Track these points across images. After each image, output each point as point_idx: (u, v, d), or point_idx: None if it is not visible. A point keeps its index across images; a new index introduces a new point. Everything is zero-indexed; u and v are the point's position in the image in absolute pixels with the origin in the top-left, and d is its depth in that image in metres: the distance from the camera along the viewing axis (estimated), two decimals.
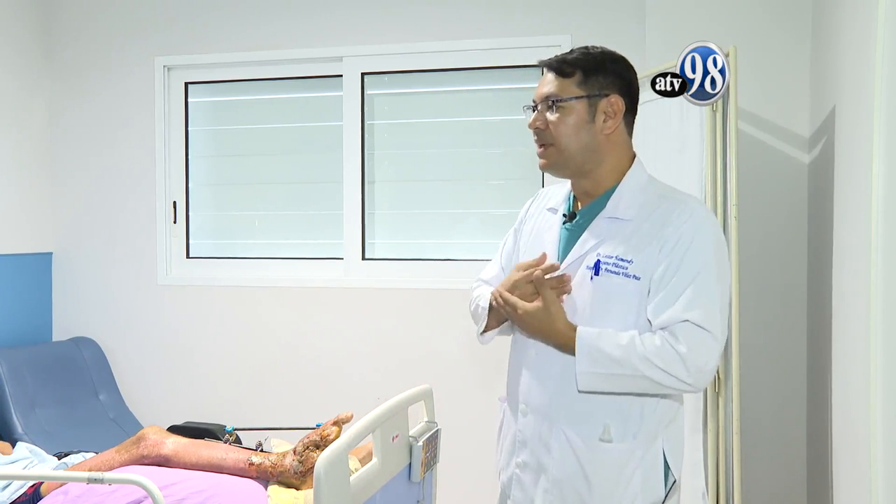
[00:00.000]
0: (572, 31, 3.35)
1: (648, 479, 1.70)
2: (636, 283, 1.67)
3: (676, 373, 1.60)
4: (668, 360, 1.60)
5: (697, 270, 1.64)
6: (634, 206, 1.72)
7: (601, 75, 1.71)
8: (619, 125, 1.74)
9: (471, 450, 3.27)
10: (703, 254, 1.65)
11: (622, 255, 1.68)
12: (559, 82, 1.73)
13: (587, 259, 1.72)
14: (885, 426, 1.70)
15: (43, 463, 2.61)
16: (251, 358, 3.71)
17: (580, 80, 1.71)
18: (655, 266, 1.66)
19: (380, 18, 3.57)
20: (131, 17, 3.83)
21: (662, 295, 1.64)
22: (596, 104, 1.71)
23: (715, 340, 1.62)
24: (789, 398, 3.04)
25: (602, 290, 1.69)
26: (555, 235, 1.81)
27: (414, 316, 3.53)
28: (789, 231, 3.03)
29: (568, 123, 1.72)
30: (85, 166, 3.90)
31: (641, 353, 1.61)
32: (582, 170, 1.75)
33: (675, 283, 1.64)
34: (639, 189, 1.75)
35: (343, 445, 1.68)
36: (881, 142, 1.71)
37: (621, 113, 1.73)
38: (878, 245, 1.73)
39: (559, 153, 1.74)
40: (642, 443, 1.70)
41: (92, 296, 3.90)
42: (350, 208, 3.65)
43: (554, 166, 1.77)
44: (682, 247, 1.65)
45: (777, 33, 3.02)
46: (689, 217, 1.67)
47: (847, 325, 2.21)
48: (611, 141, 1.74)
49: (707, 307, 1.62)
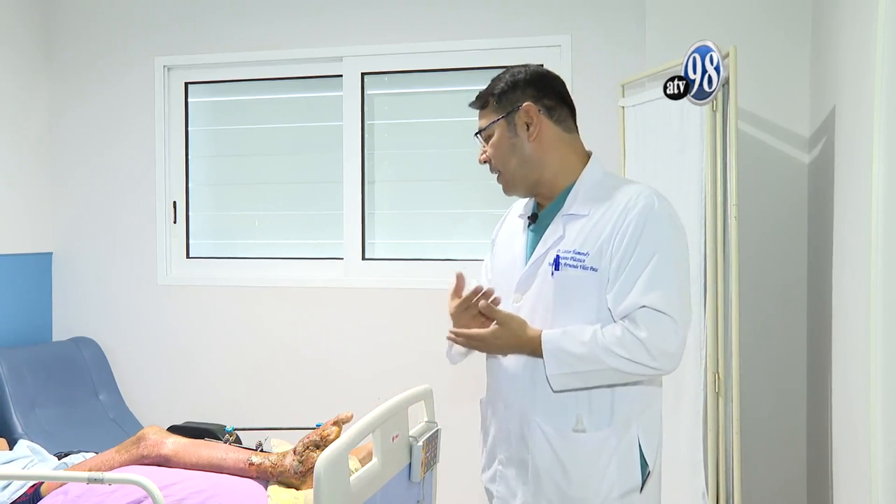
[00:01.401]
0: (572, 31, 3.35)
1: (624, 466, 1.74)
2: (594, 275, 1.72)
3: (640, 359, 1.64)
4: (630, 347, 1.64)
5: (652, 254, 1.67)
6: (589, 202, 1.78)
7: (510, 92, 1.81)
8: (546, 126, 1.80)
9: (471, 450, 3.26)
10: (656, 237, 1.69)
11: (579, 248, 1.74)
12: (481, 115, 1.86)
13: (548, 256, 1.78)
14: (885, 426, 1.69)
15: (43, 462, 2.61)
16: (251, 358, 3.71)
17: (494, 106, 1.82)
18: (612, 255, 1.70)
19: (380, 18, 3.57)
20: (131, 17, 3.83)
21: (619, 283, 1.69)
22: (513, 119, 1.79)
23: (674, 322, 1.65)
24: (789, 398, 3.03)
25: (563, 284, 1.75)
26: (522, 238, 1.88)
27: (414, 316, 3.53)
28: (789, 231, 3.03)
29: (499, 147, 1.82)
30: (85, 166, 3.90)
31: (604, 345, 1.66)
32: (532, 181, 1.83)
33: (631, 269, 1.68)
34: (594, 184, 1.80)
35: (343, 445, 1.68)
36: (881, 142, 1.71)
37: (538, 115, 1.79)
38: (878, 245, 1.72)
39: (507, 176, 1.83)
40: (616, 430, 1.74)
41: (92, 296, 3.90)
42: (350, 208, 3.65)
43: (511, 189, 1.88)
44: (635, 233, 1.69)
45: (777, 33, 3.02)
46: (638, 202, 1.72)
47: (847, 325, 2.21)
48: (542, 145, 1.80)
49: (664, 290, 1.66)
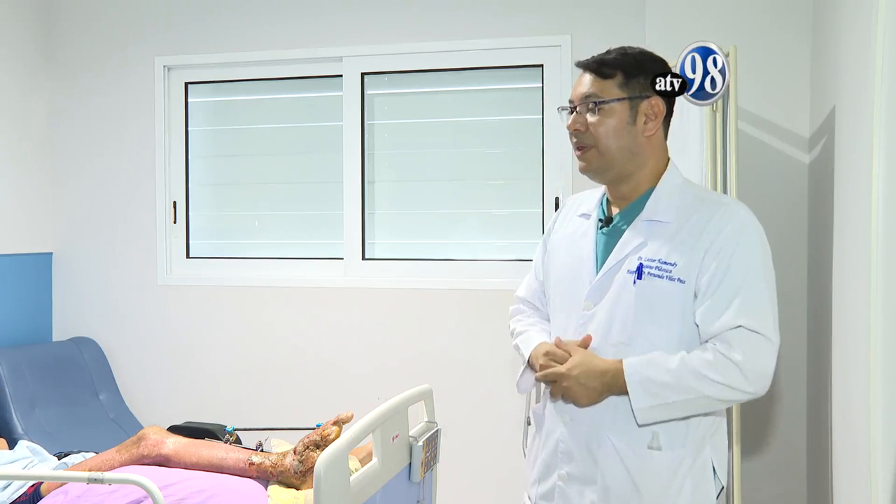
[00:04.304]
0: (572, 31, 3.35)
1: (699, 486, 1.66)
2: (681, 287, 1.62)
3: (735, 383, 1.56)
4: (725, 371, 1.56)
5: (745, 274, 1.60)
6: (673, 209, 1.68)
7: (642, 77, 1.67)
8: (659, 127, 1.71)
9: (471, 450, 3.27)
10: (750, 257, 1.62)
11: (665, 257, 1.64)
12: (599, 83, 1.68)
13: (628, 263, 1.67)
14: (885, 426, 1.69)
15: (44, 462, 2.61)
16: (251, 358, 3.71)
17: (621, 82, 1.67)
18: (701, 270, 1.61)
19: (380, 18, 3.57)
20: (131, 18, 3.83)
21: (711, 301, 1.60)
22: (637, 106, 1.67)
23: (770, 343, 1.59)
24: (789, 398, 3.03)
25: (646, 294, 1.64)
26: (591, 240, 1.76)
27: (414, 316, 3.53)
28: (789, 231, 3.03)
29: (609, 125, 1.67)
30: (85, 166, 3.90)
31: (695, 370, 1.56)
32: (623, 173, 1.71)
33: (724, 288, 1.59)
34: (676, 191, 1.71)
35: (343, 445, 1.68)
36: (881, 142, 1.71)
37: (662, 115, 1.70)
38: (878, 245, 1.72)
39: (600, 156, 1.69)
40: (691, 451, 1.66)
41: (92, 296, 3.90)
42: (350, 208, 3.65)
43: (595, 170, 1.72)
44: (728, 250, 1.61)
45: (777, 33, 3.02)
46: (732, 219, 1.64)
47: (847, 325, 2.21)
48: (651, 143, 1.70)
49: (759, 311, 1.60)
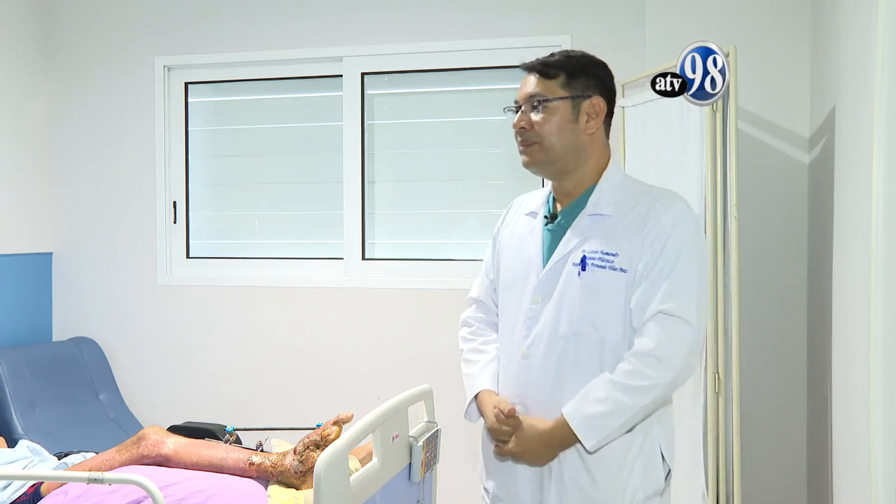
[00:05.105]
0: (572, 31, 3.35)
1: (648, 469, 1.73)
2: (623, 276, 1.71)
3: (657, 376, 1.64)
4: (644, 370, 1.64)
5: (677, 260, 1.68)
6: (615, 202, 1.77)
7: (583, 77, 1.78)
8: (600, 126, 1.80)
9: (470, 450, 3.26)
10: (682, 244, 1.69)
11: (607, 249, 1.72)
12: (543, 83, 1.78)
13: (573, 256, 1.75)
14: (885, 426, 1.70)
15: (44, 462, 2.61)
16: (251, 358, 3.71)
17: (564, 82, 1.77)
18: (639, 258, 1.70)
19: (380, 18, 3.57)
20: (131, 17, 3.83)
21: (643, 286, 1.69)
22: (579, 105, 1.77)
23: (689, 326, 1.66)
24: (789, 398, 3.04)
25: (591, 285, 1.72)
26: (538, 237, 1.85)
27: (414, 316, 3.53)
28: (789, 231, 3.03)
29: (552, 123, 1.76)
30: (85, 166, 3.90)
31: (623, 386, 1.65)
32: (566, 168, 1.80)
33: (655, 273, 1.68)
34: (617, 186, 1.80)
35: (343, 445, 1.68)
36: (881, 142, 1.71)
37: (603, 114, 1.79)
38: (878, 245, 1.73)
39: (544, 152, 1.78)
40: (639, 434, 1.73)
41: (92, 296, 3.90)
42: (350, 208, 3.65)
43: (538, 164, 1.81)
44: (662, 238, 1.69)
45: (777, 33, 3.02)
46: (669, 209, 1.72)
47: (847, 325, 2.21)
48: (593, 141, 1.80)
49: (682, 295, 1.66)
